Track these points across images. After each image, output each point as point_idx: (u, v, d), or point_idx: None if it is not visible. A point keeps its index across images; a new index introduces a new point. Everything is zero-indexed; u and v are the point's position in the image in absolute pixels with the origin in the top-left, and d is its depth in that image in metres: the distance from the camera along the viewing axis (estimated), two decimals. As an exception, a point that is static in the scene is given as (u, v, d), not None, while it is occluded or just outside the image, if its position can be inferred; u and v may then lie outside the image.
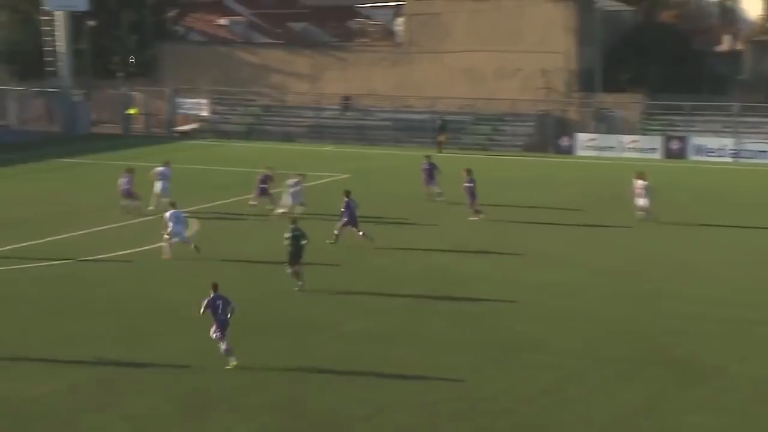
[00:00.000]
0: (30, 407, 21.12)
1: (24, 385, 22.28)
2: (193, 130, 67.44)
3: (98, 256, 33.57)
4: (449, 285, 30.79)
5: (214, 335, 23.72)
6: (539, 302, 29.10)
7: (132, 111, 66.16)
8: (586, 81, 63.34)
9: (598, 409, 21.40)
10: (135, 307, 28.43)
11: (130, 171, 40.43)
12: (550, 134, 61.15)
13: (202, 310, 23.78)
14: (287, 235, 29.99)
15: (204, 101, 66.91)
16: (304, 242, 29.87)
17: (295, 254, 29.80)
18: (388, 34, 74.55)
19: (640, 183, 39.73)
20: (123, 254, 34.03)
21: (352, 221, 35.13)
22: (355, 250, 34.96)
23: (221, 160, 56.31)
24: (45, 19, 65.27)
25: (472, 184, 40.12)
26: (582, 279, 31.64)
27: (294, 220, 31.03)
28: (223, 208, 42.26)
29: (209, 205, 42.66)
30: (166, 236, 33.34)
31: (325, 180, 49.11)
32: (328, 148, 61.26)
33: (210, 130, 66.39)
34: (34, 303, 28.60)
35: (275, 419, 20.82)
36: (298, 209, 38.78)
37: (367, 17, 79.48)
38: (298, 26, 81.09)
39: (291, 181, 39.71)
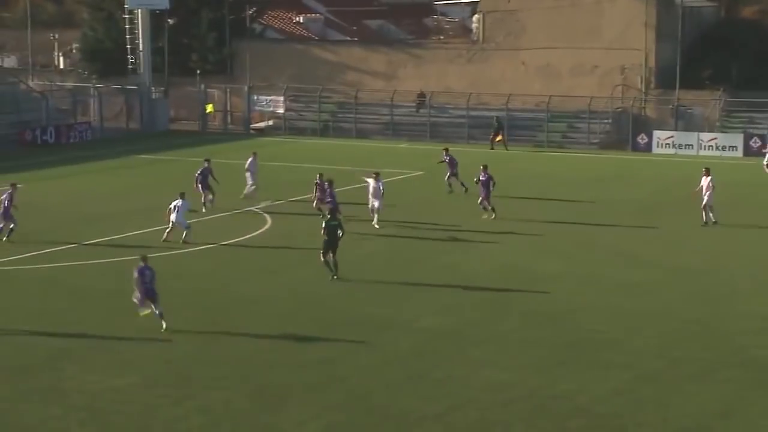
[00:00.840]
0: (108, 399, 21.45)
1: (102, 377, 22.64)
2: (269, 126, 67.98)
3: (176, 251, 33.99)
4: (523, 283, 30.64)
5: (136, 299, 26.27)
6: (614, 301, 28.83)
7: (208, 108, 66.88)
8: (664, 78, 62.56)
9: (673, 411, 21.13)
10: (211, 301, 28.76)
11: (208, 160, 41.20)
12: (628, 132, 60.52)
13: (135, 276, 26.23)
14: (323, 225, 30.58)
15: (280, 98, 67.39)
16: (340, 233, 30.28)
17: (331, 244, 30.23)
18: (464, 31, 74.36)
19: (705, 180, 38.40)
20: (201, 249, 34.40)
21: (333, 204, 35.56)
22: (430, 247, 34.96)
23: (295, 156, 56.64)
24: (126, 18, 66.23)
25: (486, 180, 38.84)
26: (658, 278, 31.28)
27: (331, 211, 31.50)
28: (296, 204, 42.51)
29: (283, 201, 42.96)
30: (170, 223, 34.70)
31: (399, 177, 49.17)
32: (403, 146, 61.31)
33: (285, 127, 66.85)
34: (111, 296, 29.04)
35: (347, 416, 20.90)
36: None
37: (443, 14, 79.36)
38: (374, 24, 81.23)
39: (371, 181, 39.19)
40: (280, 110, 67.66)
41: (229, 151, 57.38)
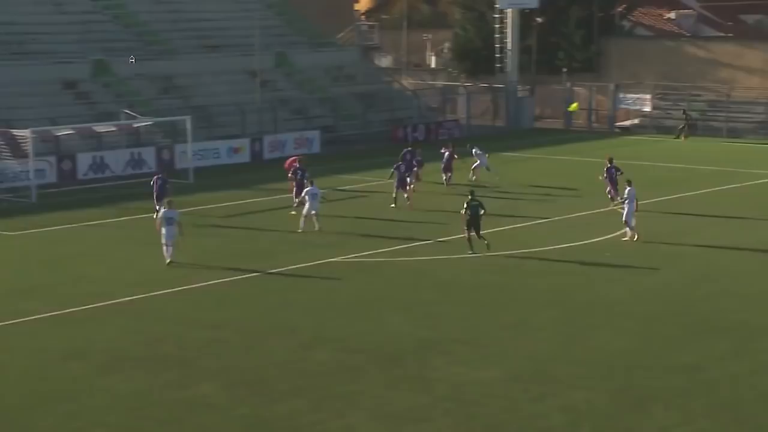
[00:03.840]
0: (471, 391, 21.83)
1: (466, 369, 23.08)
2: (634, 125, 66.82)
3: (535, 249, 34.16)
4: None
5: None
6: None
7: (572, 107, 66.70)
8: None
9: None
10: (572, 300, 28.64)
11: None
12: None
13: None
14: (465, 204, 33.03)
15: (647, 96, 66.04)
16: (482, 212, 32.83)
17: (474, 222, 32.69)
18: None
19: None
20: (564, 247, 34.34)
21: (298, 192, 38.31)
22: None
23: (661, 155, 55.25)
24: (496, 17, 67.38)
25: (611, 171, 39.52)
26: None
27: (472, 191, 33.76)
28: (660, 203, 41.50)
29: (649, 201, 42.06)
30: (303, 211, 36.24)
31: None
32: (779, 146, 58.33)
33: (651, 125, 65.44)
34: (477, 290, 29.57)
35: (715, 424, 20.11)
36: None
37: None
38: (751, 18, 77.85)
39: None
40: (647, 108, 66.33)
41: (592, 150, 56.94)
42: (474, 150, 47.01)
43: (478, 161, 46.75)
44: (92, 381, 22.50)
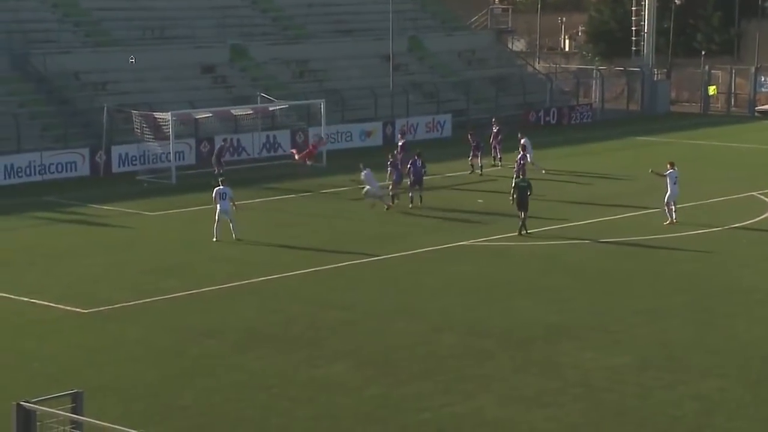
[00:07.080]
0: (602, 377, 21.70)
1: (596, 355, 22.94)
2: (775, 109, 65.08)
3: (668, 234, 33.66)
4: None
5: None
6: None
7: (711, 90, 65.19)
8: None
9: None
10: (707, 287, 28.17)
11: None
12: None
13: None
14: (513, 185, 34.72)
15: (789, 80, 64.20)
16: (529, 193, 33.65)
17: (522, 203, 33.48)
18: None
19: None
20: (694, 233, 33.77)
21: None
22: None
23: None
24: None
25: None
26: None
27: (523, 172, 36.81)
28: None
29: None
30: (363, 193, 37.41)
31: None
32: None
33: (794, 109, 63.65)
34: (605, 276, 29.34)
35: None
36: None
37: None
38: None
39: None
40: (788, 92, 64.52)
41: (730, 135, 55.74)
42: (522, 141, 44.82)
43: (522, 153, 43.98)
44: (227, 359, 23.13)
